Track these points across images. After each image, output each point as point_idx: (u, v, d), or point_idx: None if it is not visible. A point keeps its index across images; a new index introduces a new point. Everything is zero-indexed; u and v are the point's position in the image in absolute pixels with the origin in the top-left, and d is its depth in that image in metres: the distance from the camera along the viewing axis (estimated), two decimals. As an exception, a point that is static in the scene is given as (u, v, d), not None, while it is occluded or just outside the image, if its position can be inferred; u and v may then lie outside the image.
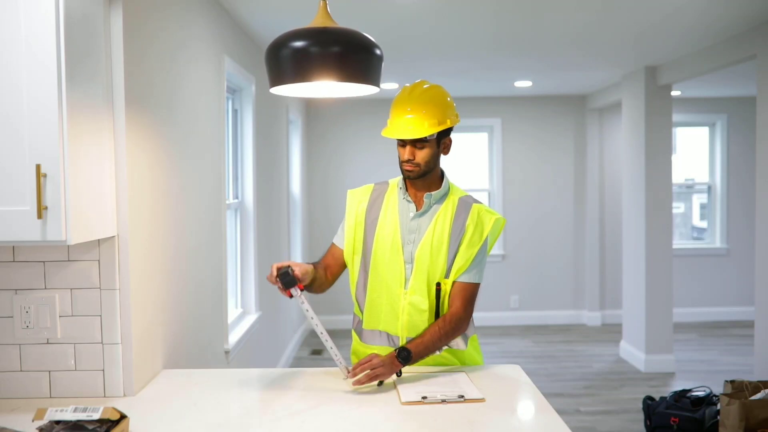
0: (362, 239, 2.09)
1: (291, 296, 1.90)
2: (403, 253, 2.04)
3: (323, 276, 2.10)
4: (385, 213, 2.08)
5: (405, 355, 1.91)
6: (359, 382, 1.89)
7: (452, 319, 2.00)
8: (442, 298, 2.04)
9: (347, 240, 2.12)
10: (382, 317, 2.08)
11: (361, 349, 2.17)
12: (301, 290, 1.92)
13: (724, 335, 6.53)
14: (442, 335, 1.98)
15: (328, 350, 1.94)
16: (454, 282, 2.04)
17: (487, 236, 2.06)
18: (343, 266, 2.16)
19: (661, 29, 4.05)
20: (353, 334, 2.21)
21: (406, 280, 2.04)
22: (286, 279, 1.87)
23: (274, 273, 1.87)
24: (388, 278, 2.05)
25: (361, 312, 2.13)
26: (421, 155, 1.99)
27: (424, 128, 1.95)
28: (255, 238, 4.10)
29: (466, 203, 2.07)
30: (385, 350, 2.05)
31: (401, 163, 2.02)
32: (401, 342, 2.04)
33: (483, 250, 2.06)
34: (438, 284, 2.04)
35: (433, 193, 2.05)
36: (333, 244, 2.18)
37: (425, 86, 2.02)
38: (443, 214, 2.05)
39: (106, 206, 1.83)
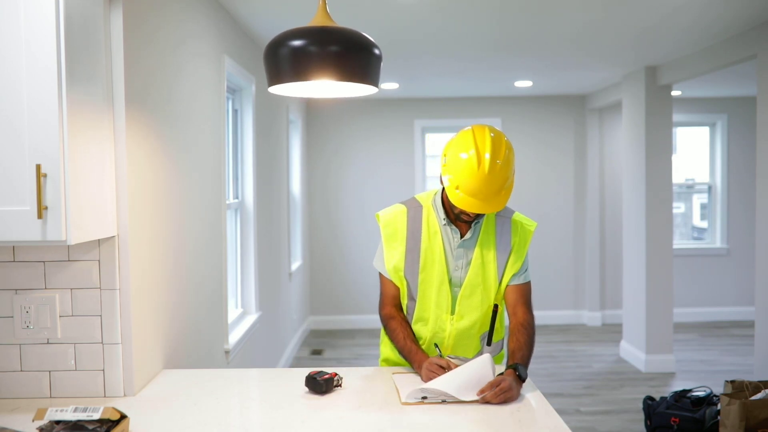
0: (403, 265, 2.06)
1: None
2: (451, 279, 2.05)
3: (403, 313, 2.16)
4: (429, 239, 2.05)
5: (522, 371, 1.90)
6: (485, 401, 1.82)
7: (528, 325, 2.04)
8: (498, 318, 2.09)
9: (390, 265, 2.08)
10: (427, 342, 2.12)
11: (395, 358, 2.20)
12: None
13: (724, 335, 6.52)
14: (532, 343, 2.03)
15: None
16: (507, 286, 2.08)
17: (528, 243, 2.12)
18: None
19: (661, 29, 4.05)
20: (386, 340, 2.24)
21: (453, 307, 2.06)
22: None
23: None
24: (434, 305, 2.06)
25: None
26: None
27: (500, 207, 1.94)
28: (255, 238, 4.10)
29: (503, 218, 2.10)
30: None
31: (459, 212, 1.98)
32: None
33: (527, 254, 2.13)
34: (495, 306, 2.07)
35: (481, 219, 2.06)
36: (382, 276, 2.15)
37: (498, 160, 1.88)
38: (485, 233, 2.06)
39: (106, 206, 1.83)
